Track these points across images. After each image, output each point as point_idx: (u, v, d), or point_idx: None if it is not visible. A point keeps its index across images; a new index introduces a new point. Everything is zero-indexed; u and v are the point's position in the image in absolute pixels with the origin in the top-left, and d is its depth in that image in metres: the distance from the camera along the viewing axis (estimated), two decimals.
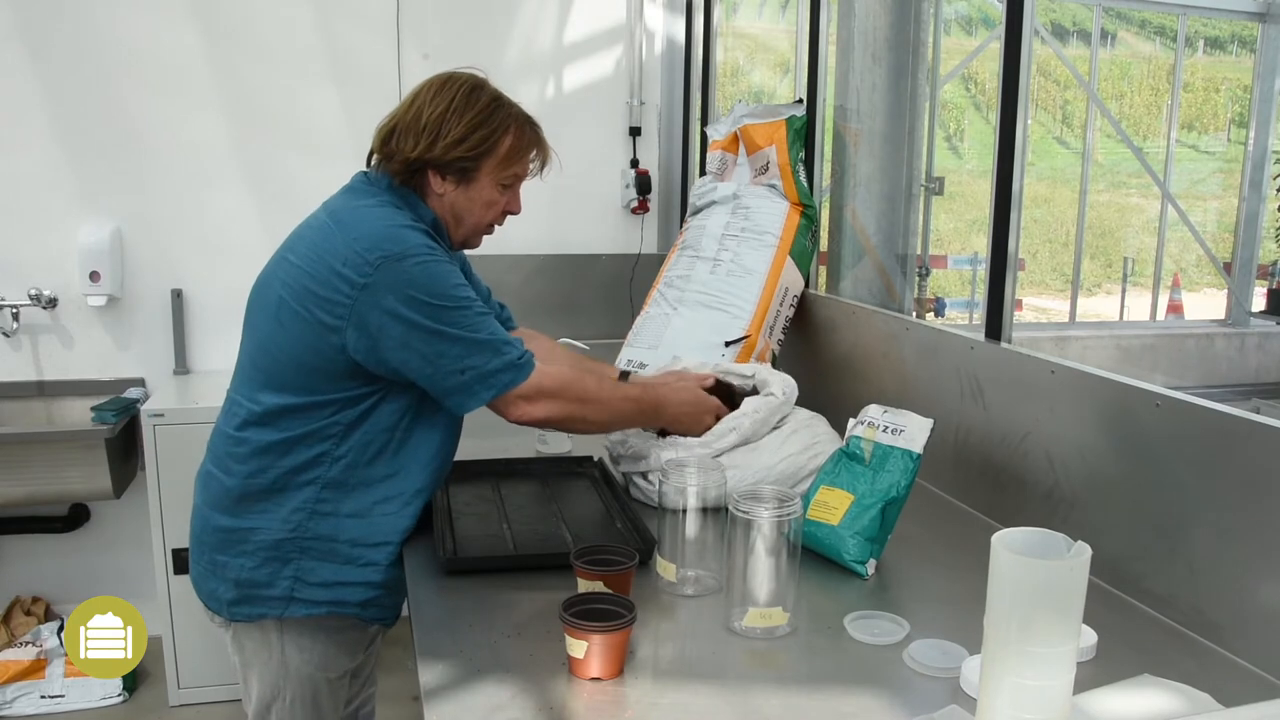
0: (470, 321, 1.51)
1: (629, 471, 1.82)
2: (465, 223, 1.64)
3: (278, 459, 1.55)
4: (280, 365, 1.54)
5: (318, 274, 1.49)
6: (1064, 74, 11.51)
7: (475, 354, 1.50)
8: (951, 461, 1.87)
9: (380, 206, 1.56)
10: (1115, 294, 10.51)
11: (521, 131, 1.62)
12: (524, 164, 1.64)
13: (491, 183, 1.61)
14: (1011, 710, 0.91)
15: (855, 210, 2.57)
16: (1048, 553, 0.92)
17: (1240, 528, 1.28)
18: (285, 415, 1.54)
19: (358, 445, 1.56)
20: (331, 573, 1.58)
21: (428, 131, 1.56)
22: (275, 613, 1.58)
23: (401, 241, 1.49)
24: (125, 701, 2.98)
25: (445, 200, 1.61)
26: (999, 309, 1.80)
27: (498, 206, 1.65)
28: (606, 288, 3.44)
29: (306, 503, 1.56)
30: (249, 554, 1.57)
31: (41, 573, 3.24)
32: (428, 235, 1.55)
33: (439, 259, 1.52)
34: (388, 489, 1.59)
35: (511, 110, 1.62)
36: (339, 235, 1.51)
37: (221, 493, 1.59)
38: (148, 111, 3.12)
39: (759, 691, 1.18)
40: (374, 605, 1.63)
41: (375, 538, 1.59)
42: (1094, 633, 1.26)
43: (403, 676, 2.71)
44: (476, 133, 1.56)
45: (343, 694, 1.72)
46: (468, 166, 1.58)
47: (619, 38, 3.49)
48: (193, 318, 3.20)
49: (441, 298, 1.49)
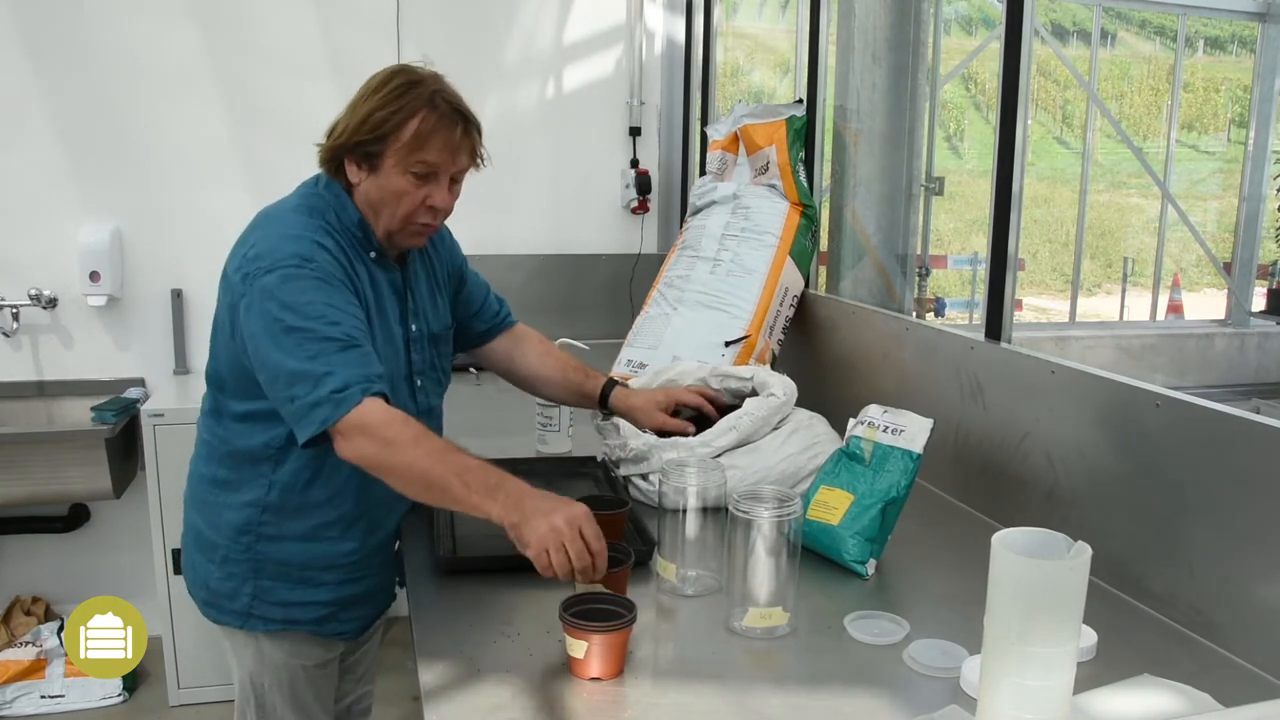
0: (306, 347, 1.39)
1: (629, 473, 1.82)
2: (381, 215, 1.54)
3: (228, 495, 1.60)
4: (220, 365, 1.58)
5: (227, 280, 1.52)
6: (1064, 74, 11.51)
7: (297, 383, 1.38)
8: (951, 461, 1.87)
9: (294, 213, 1.54)
10: (1115, 294, 10.51)
11: (430, 117, 1.49)
12: (434, 152, 1.50)
13: (398, 170, 1.50)
14: (1011, 710, 0.91)
15: (855, 210, 2.57)
16: (1048, 553, 0.92)
17: (1240, 528, 1.28)
18: (232, 420, 1.58)
19: (290, 469, 1.56)
20: (286, 591, 1.61)
21: (343, 118, 1.53)
22: (236, 624, 1.63)
23: (277, 252, 1.45)
24: (125, 701, 2.98)
25: (361, 190, 1.55)
26: (999, 309, 1.80)
27: (411, 198, 1.52)
28: (606, 288, 3.44)
29: (251, 524, 1.58)
30: (217, 564, 1.61)
31: (41, 573, 3.24)
32: (321, 245, 1.48)
33: (305, 272, 1.43)
34: (325, 514, 1.59)
35: (424, 94, 1.49)
36: (244, 240, 1.54)
37: (193, 487, 1.67)
38: (148, 111, 3.12)
39: (759, 691, 1.19)
40: (331, 621, 1.65)
41: (322, 561, 1.61)
42: (1094, 633, 1.26)
43: (403, 676, 2.71)
44: (378, 113, 1.48)
45: (328, 685, 1.74)
46: (371, 150, 1.50)
47: (619, 38, 3.49)
48: (193, 318, 3.21)
49: (288, 311, 1.40)
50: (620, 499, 1.64)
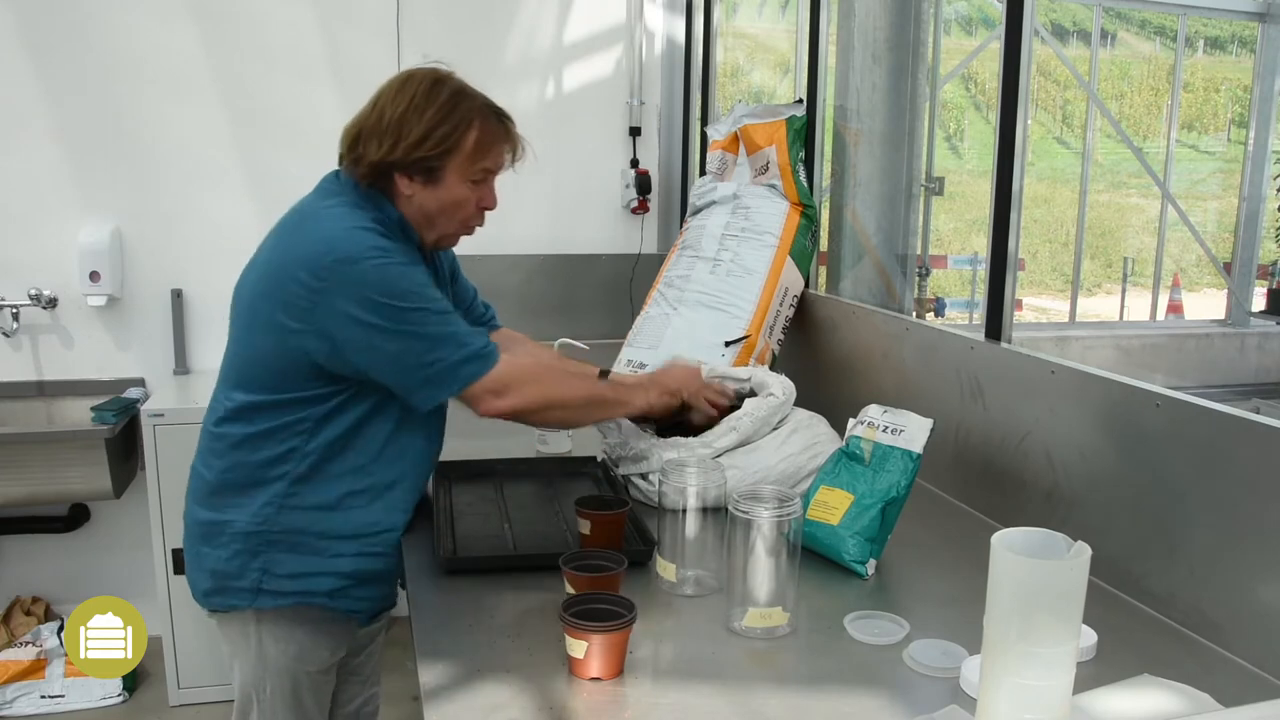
0: (430, 320, 1.48)
1: (629, 473, 1.82)
2: (436, 223, 1.59)
3: (250, 454, 1.56)
4: (251, 364, 1.56)
5: (279, 277, 1.49)
6: (1064, 74, 11.52)
7: (438, 348, 1.48)
8: (951, 461, 1.87)
9: (340, 207, 1.54)
10: (1115, 294, 10.52)
11: (486, 124, 1.55)
12: (493, 158, 1.58)
13: (459, 180, 1.56)
14: (1011, 710, 0.91)
15: (855, 210, 2.57)
16: (1048, 553, 0.92)
17: (1240, 528, 1.28)
18: (256, 412, 1.55)
19: (326, 440, 1.55)
20: (298, 564, 1.59)
21: (390, 133, 1.52)
22: (244, 603, 1.60)
23: (354, 243, 1.46)
24: (125, 701, 2.98)
25: (414, 202, 1.56)
26: (999, 309, 1.80)
27: (469, 204, 1.59)
28: (606, 288, 3.44)
29: (275, 497, 1.56)
30: (223, 545, 1.59)
31: (41, 573, 3.24)
32: (386, 236, 1.51)
33: (393, 260, 1.48)
34: (355, 482, 1.58)
35: (475, 103, 1.56)
36: (299, 238, 1.52)
37: (201, 486, 1.62)
38: (148, 112, 3.12)
39: (759, 691, 1.19)
40: (342, 596, 1.62)
41: (344, 530, 1.59)
42: (1094, 633, 1.26)
43: (403, 676, 2.70)
44: (438, 130, 1.51)
45: (327, 690, 1.73)
46: (433, 166, 1.53)
47: (619, 38, 3.49)
48: (193, 318, 3.20)
49: (399, 297, 1.46)
50: (620, 499, 1.65)
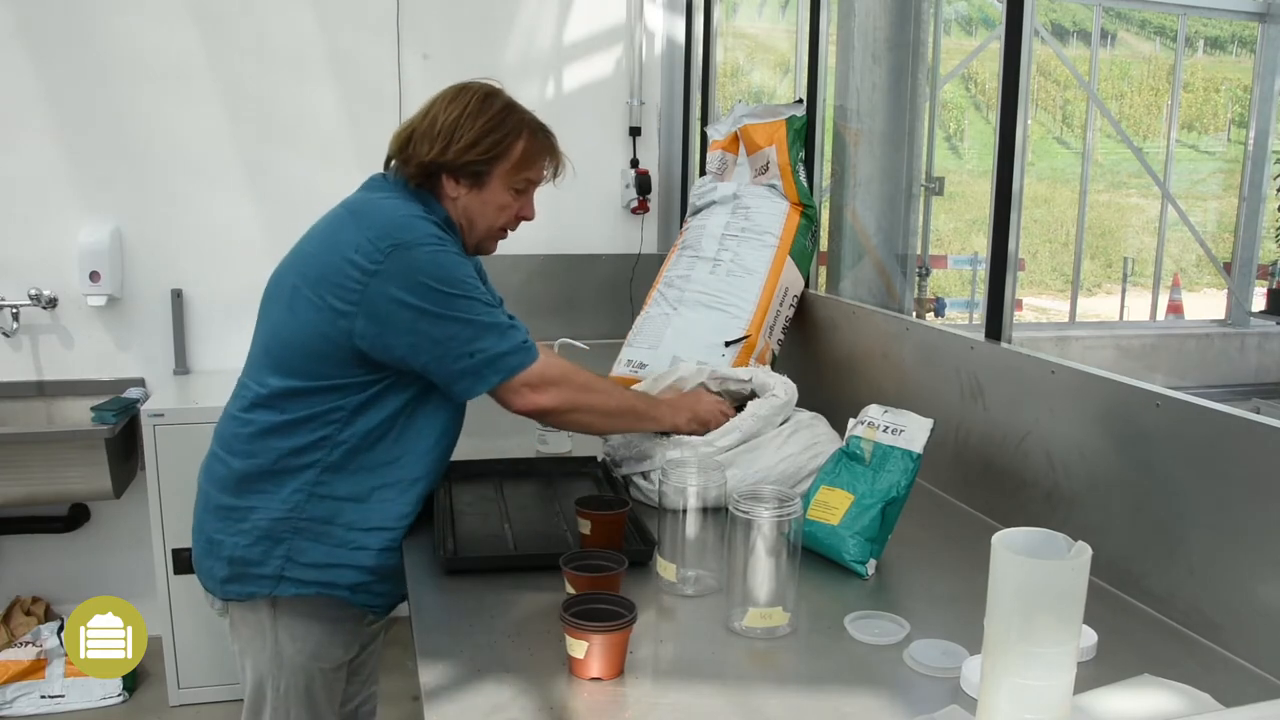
0: (478, 309, 1.54)
1: (629, 473, 1.82)
2: (478, 226, 1.68)
3: (281, 440, 1.58)
4: (290, 350, 1.58)
5: (331, 261, 1.53)
6: (1064, 74, 11.52)
7: (483, 337, 1.54)
8: (951, 461, 1.87)
9: (396, 198, 1.61)
10: (1115, 294, 10.52)
11: (534, 137, 1.66)
12: (536, 169, 1.68)
13: (503, 186, 1.65)
14: (1012, 710, 0.91)
15: (855, 210, 2.57)
16: (1048, 553, 0.92)
17: (1240, 528, 1.28)
18: (291, 398, 1.57)
19: (360, 431, 1.58)
20: (323, 554, 1.60)
21: (442, 136, 1.60)
22: (265, 591, 1.60)
23: (413, 230, 1.54)
24: (125, 701, 2.98)
25: (459, 204, 1.65)
26: (999, 309, 1.80)
27: (510, 210, 1.68)
28: (606, 288, 3.44)
29: (305, 485, 1.58)
30: (244, 532, 1.59)
31: (41, 573, 3.24)
32: (439, 228, 1.59)
33: (449, 249, 1.56)
34: (386, 475, 1.61)
35: (524, 117, 1.66)
36: (353, 224, 1.56)
37: (226, 474, 1.62)
38: (148, 111, 3.12)
39: (759, 691, 1.18)
40: (364, 590, 1.64)
41: (370, 522, 1.60)
42: (1094, 633, 1.26)
43: (403, 676, 2.71)
44: (489, 137, 1.61)
45: (338, 688, 1.73)
46: (480, 170, 1.62)
47: (619, 38, 3.49)
48: (193, 318, 3.20)
49: (450, 284, 1.52)
50: (620, 499, 1.65)
